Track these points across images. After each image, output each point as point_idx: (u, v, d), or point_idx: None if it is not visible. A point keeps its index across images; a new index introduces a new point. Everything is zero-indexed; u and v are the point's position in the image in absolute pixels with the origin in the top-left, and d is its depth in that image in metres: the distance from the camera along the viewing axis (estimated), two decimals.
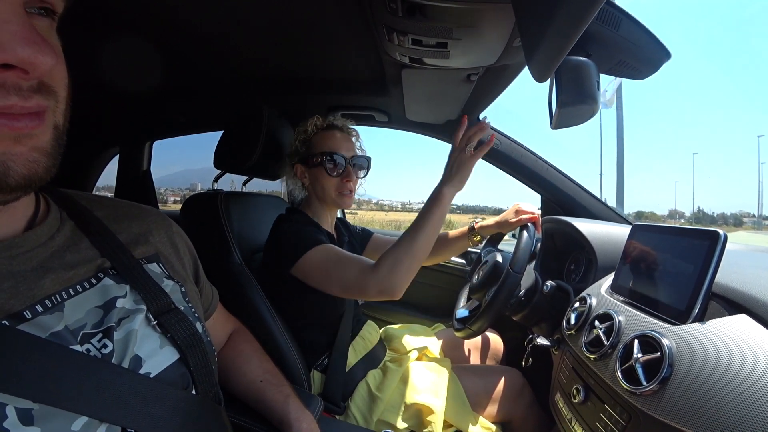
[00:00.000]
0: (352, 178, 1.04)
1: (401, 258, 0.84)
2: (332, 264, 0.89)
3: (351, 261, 0.89)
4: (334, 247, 0.92)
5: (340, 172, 1.02)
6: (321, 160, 1.01)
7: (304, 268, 0.90)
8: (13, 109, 0.31)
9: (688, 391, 0.50)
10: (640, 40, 0.71)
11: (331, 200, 1.04)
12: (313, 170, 1.03)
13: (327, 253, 0.90)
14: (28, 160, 0.33)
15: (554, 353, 0.90)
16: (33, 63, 0.31)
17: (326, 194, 1.03)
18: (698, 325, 0.56)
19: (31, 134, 0.33)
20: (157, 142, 2.03)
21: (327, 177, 1.02)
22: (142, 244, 0.52)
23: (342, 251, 0.92)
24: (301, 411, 0.67)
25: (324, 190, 1.03)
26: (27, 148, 0.33)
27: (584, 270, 1.10)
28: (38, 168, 0.34)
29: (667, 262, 0.69)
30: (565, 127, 0.75)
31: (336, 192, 1.03)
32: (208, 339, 0.52)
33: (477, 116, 1.36)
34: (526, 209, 1.08)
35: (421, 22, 0.67)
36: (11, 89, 0.31)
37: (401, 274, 0.84)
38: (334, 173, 1.02)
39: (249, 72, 1.20)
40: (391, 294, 0.84)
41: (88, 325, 0.40)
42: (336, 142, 1.03)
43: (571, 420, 0.72)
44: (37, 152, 0.34)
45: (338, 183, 1.03)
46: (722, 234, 0.60)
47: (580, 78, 0.66)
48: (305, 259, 0.89)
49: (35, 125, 0.33)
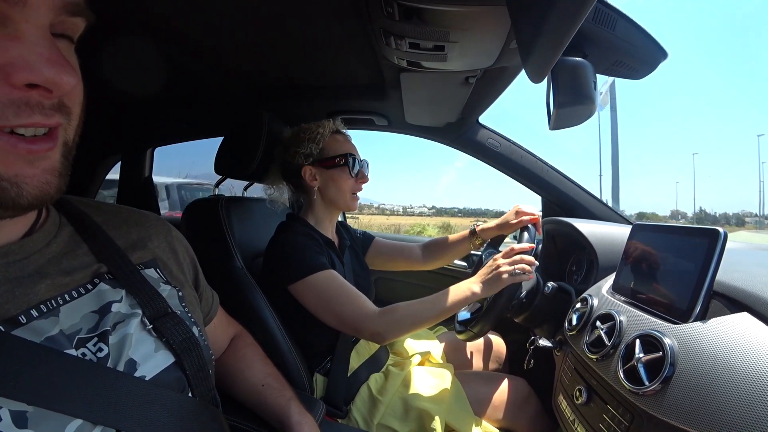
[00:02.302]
0: (366, 179, 1.09)
1: (406, 321, 0.88)
2: (333, 295, 0.90)
3: (352, 297, 0.90)
4: (336, 276, 0.92)
5: (356, 173, 1.06)
6: (344, 161, 1.04)
7: (302, 290, 0.91)
8: (36, 126, 0.33)
9: (690, 390, 0.50)
10: (636, 39, 0.71)
11: (344, 202, 1.06)
12: (331, 171, 1.04)
13: (329, 282, 0.91)
14: (40, 181, 0.34)
15: (556, 355, 0.90)
16: (57, 83, 0.32)
17: (341, 195, 1.05)
18: (700, 324, 0.56)
19: (45, 156, 0.34)
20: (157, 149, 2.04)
21: (346, 178, 1.04)
22: (139, 250, 0.52)
23: (344, 283, 0.92)
24: (303, 414, 0.67)
25: (340, 191, 1.05)
26: (39, 170, 0.34)
27: (585, 271, 1.10)
28: (50, 189, 0.35)
29: (667, 261, 0.69)
30: (563, 127, 0.76)
31: (351, 192, 1.06)
32: (205, 343, 0.52)
33: (476, 118, 1.37)
34: (526, 210, 1.09)
35: (418, 25, 0.68)
36: (35, 107, 0.32)
37: (399, 332, 0.89)
38: (352, 174, 1.05)
39: (248, 78, 1.20)
40: (381, 342, 0.92)
41: (83, 329, 0.40)
42: (349, 145, 1.07)
43: (574, 421, 0.72)
44: (49, 174, 0.35)
45: (354, 184, 1.06)
46: (722, 232, 0.60)
47: (576, 79, 0.66)
48: (305, 283, 0.90)
49: (50, 147, 0.35)
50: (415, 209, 43.30)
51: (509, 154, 1.42)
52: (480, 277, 0.90)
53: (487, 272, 0.89)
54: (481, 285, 0.89)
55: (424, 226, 17.75)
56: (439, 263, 1.29)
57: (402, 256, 1.28)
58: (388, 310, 0.89)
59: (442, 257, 1.26)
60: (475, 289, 0.88)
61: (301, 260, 0.91)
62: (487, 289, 0.88)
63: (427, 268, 1.30)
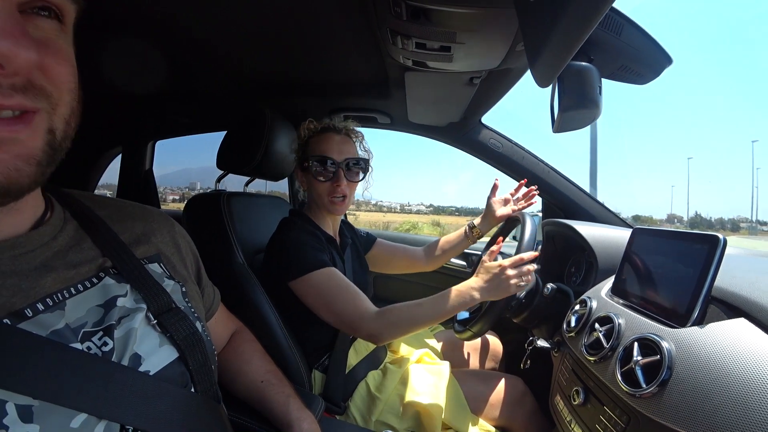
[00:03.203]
0: (342, 183, 0.99)
1: (404, 323, 0.89)
2: (333, 293, 0.90)
3: (351, 296, 0.90)
4: (337, 274, 0.92)
5: (330, 176, 0.99)
6: (309, 165, 0.99)
7: (302, 287, 0.91)
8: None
9: (686, 393, 0.50)
10: (642, 45, 0.72)
11: (324, 206, 1.02)
12: (307, 175, 1.02)
13: (329, 280, 0.91)
14: (8, 167, 0.31)
15: (554, 355, 0.91)
16: (7, 56, 0.29)
17: (320, 199, 1.02)
18: (697, 328, 0.57)
19: (15, 139, 0.32)
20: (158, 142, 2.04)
21: (316, 182, 1.00)
22: (143, 244, 0.52)
23: (344, 281, 0.92)
24: (302, 411, 0.67)
25: (318, 195, 1.01)
26: (10, 156, 0.31)
27: (585, 273, 1.10)
28: (20, 177, 0.32)
29: (667, 265, 0.69)
30: (567, 131, 0.76)
31: (328, 198, 1.00)
32: (208, 339, 0.52)
33: (479, 118, 1.37)
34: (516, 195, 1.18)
35: (426, 26, 0.68)
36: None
37: (396, 334, 0.90)
38: (322, 178, 0.99)
39: (251, 74, 1.20)
40: (377, 343, 0.91)
41: (89, 323, 0.40)
42: (330, 144, 1.00)
43: (571, 422, 0.72)
44: (21, 160, 0.32)
45: (330, 188, 0.99)
46: (722, 238, 0.61)
47: (582, 83, 0.66)
48: (305, 280, 0.90)
49: (18, 130, 0.32)
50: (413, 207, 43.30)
51: (511, 154, 1.42)
52: (483, 282, 0.88)
53: (491, 278, 0.87)
54: (485, 291, 0.87)
55: (414, 224, 17.68)
56: (441, 261, 1.30)
57: (406, 256, 1.29)
58: (387, 311, 0.88)
59: (443, 256, 1.27)
60: (476, 295, 0.87)
61: (302, 257, 0.91)
62: (490, 295, 0.88)
63: (429, 269, 1.31)
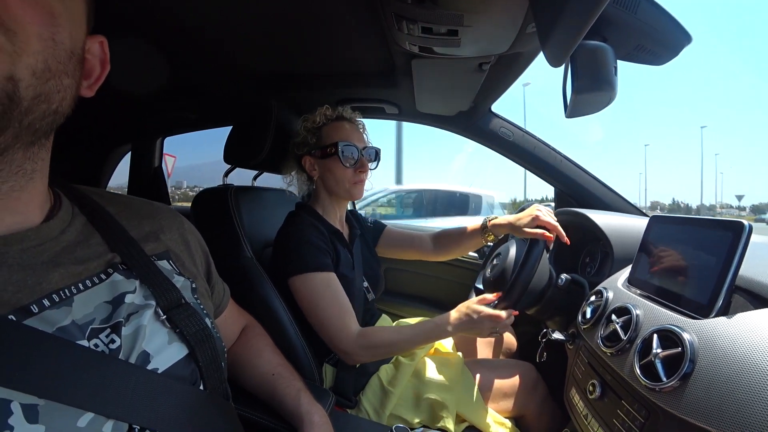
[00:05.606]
0: (366, 169, 1.04)
1: (381, 350, 0.92)
2: (324, 301, 0.91)
3: (341, 309, 0.91)
4: (334, 281, 0.93)
5: (353, 162, 1.02)
6: (335, 150, 1.00)
7: (297, 285, 0.92)
8: None
9: (710, 388, 0.48)
10: (659, 23, 0.68)
11: (344, 191, 1.03)
12: (326, 161, 1.02)
13: (325, 287, 0.91)
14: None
15: (569, 348, 0.89)
16: None
17: (339, 185, 1.02)
18: (722, 319, 0.54)
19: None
20: None
21: (341, 168, 1.01)
22: (152, 241, 0.51)
23: (339, 291, 0.92)
24: (313, 404, 0.67)
25: (337, 181, 1.02)
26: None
27: (600, 263, 1.07)
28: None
29: (687, 254, 0.66)
30: (581, 115, 0.73)
31: (350, 183, 1.02)
32: (217, 335, 0.52)
33: (489, 107, 1.34)
34: (543, 219, 0.98)
35: (431, 9, 0.65)
36: None
37: (371, 357, 0.94)
38: (348, 164, 1.01)
39: (257, 67, 1.19)
40: (349, 362, 0.93)
41: (96, 320, 0.39)
42: (347, 132, 1.02)
43: (587, 416, 0.71)
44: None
45: (352, 174, 1.02)
46: (747, 225, 0.58)
47: (596, 63, 0.63)
48: (302, 278, 0.91)
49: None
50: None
51: (522, 143, 1.39)
52: (458, 322, 0.90)
53: (468, 321, 0.90)
54: (458, 329, 0.91)
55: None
56: (450, 255, 1.28)
57: (412, 247, 1.27)
58: (367, 333, 0.91)
59: (453, 249, 1.24)
60: (449, 329, 0.91)
61: (303, 256, 0.92)
62: (463, 332, 0.92)
63: (437, 259, 1.29)
